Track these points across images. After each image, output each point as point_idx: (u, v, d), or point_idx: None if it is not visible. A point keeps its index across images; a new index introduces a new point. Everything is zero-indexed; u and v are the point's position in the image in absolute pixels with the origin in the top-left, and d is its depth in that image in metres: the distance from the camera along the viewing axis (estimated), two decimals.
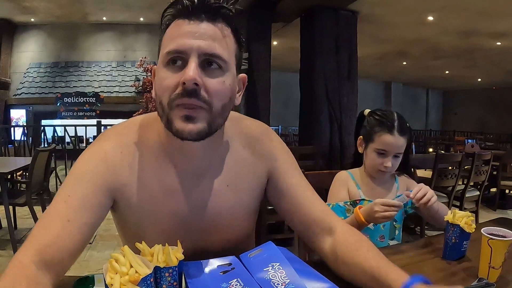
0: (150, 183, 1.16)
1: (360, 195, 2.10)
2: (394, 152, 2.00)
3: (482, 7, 7.77)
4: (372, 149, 2.04)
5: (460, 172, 4.94)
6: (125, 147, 1.16)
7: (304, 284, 0.96)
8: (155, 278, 0.87)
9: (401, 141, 1.98)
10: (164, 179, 1.17)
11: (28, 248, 0.95)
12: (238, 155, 1.28)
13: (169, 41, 1.04)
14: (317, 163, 5.52)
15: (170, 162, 1.18)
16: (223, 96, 1.07)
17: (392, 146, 1.98)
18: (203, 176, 1.21)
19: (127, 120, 1.29)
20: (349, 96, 7.22)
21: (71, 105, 13.06)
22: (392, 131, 1.97)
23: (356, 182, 2.14)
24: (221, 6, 1.06)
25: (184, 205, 1.19)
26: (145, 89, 12.71)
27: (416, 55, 13.40)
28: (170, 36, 1.05)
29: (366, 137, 2.09)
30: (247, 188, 1.29)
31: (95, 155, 1.13)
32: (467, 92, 23.63)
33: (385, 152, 2.00)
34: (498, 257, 1.24)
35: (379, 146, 2.00)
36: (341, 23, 7.20)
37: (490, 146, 10.18)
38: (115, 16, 14.27)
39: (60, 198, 1.04)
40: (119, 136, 1.18)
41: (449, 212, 1.48)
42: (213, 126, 1.08)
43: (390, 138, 1.97)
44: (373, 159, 2.04)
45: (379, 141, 2.00)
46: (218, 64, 1.05)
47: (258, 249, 1.14)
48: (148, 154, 1.17)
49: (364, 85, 14.98)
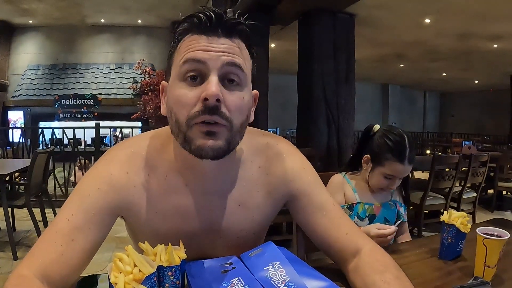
0: (157, 202, 1.15)
1: (356, 198, 2.12)
2: (400, 177, 2.04)
3: (478, 10, 7.80)
4: (381, 172, 2.05)
5: (457, 174, 4.96)
6: (131, 168, 1.14)
7: (303, 283, 0.97)
8: (158, 277, 0.88)
9: (408, 170, 2.03)
10: (173, 198, 1.16)
11: (31, 263, 0.95)
12: (252, 175, 1.24)
13: (186, 54, 1.01)
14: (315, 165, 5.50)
15: (180, 181, 1.16)
16: (242, 112, 1.05)
17: (401, 174, 2.02)
18: (213, 194, 1.19)
19: (137, 136, 1.27)
20: (347, 99, 7.24)
21: (69, 107, 13.06)
22: (403, 161, 1.98)
23: (352, 187, 2.16)
24: (238, 22, 1.04)
25: (193, 224, 1.18)
26: (143, 91, 12.72)
27: (414, 57, 13.42)
28: (186, 49, 1.01)
29: (375, 158, 2.08)
30: (259, 207, 1.25)
31: (100, 176, 1.11)
32: (464, 94, 23.65)
33: (393, 178, 2.02)
34: (493, 256, 1.26)
35: (388, 172, 2.02)
36: (338, 26, 7.21)
37: (487, 148, 10.20)
38: (113, 19, 14.26)
39: (63, 216, 1.04)
40: (125, 155, 1.16)
41: (445, 213, 1.51)
42: (232, 144, 1.06)
43: (401, 168, 1.99)
44: (379, 181, 2.06)
45: (389, 168, 2.01)
46: (238, 80, 1.03)
47: (258, 249, 1.15)
48: (156, 173, 1.15)
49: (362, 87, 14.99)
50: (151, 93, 12.02)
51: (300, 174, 1.29)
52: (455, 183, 5.06)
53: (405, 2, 7.67)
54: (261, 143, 1.28)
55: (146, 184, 1.14)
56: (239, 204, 1.22)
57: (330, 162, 6.99)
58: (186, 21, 1.04)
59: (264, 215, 1.28)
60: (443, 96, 25.68)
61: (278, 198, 1.28)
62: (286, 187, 1.27)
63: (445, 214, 1.50)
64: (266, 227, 1.35)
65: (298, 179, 1.27)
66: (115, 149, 1.20)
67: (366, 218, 2.08)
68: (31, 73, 14.77)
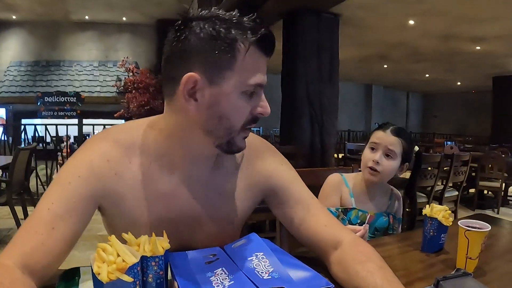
0: (139, 190, 1.15)
1: (352, 203, 2.12)
2: (384, 146, 2.01)
3: (462, 12, 7.89)
4: (367, 146, 2.09)
5: (439, 173, 5.02)
6: (112, 156, 1.13)
7: (287, 273, 0.99)
8: (142, 268, 0.88)
9: (392, 139, 2.01)
10: (156, 185, 1.17)
11: (12, 253, 0.95)
12: (234, 166, 1.30)
13: (255, 73, 1.08)
14: (297, 164, 5.55)
15: (165, 169, 1.18)
16: None
17: (383, 140, 2.01)
18: (197, 182, 1.22)
19: (119, 124, 1.28)
20: (331, 98, 7.27)
21: (52, 105, 12.89)
22: (385, 129, 2.03)
23: (350, 190, 2.15)
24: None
25: (175, 211, 1.20)
26: (126, 89, 12.64)
27: (397, 58, 13.51)
28: (254, 68, 1.08)
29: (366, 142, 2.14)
30: (239, 198, 1.30)
31: (81, 164, 1.10)
32: (446, 95, 23.88)
33: (375, 146, 2.03)
34: (475, 248, 1.29)
35: (371, 141, 2.06)
36: (323, 25, 7.23)
37: (469, 148, 10.28)
38: (97, 15, 14.19)
39: (44, 205, 1.03)
40: (107, 143, 1.15)
41: (427, 206, 1.53)
42: None
43: (382, 133, 2.02)
44: (365, 155, 2.08)
45: (372, 137, 2.06)
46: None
47: (242, 240, 1.16)
48: (139, 161, 1.16)
49: (346, 87, 15.06)
50: (134, 91, 11.96)
51: (279, 170, 1.35)
52: (437, 182, 5.12)
53: (390, 3, 7.72)
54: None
55: (128, 171, 1.15)
56: (220, 193, 1.26)
57: (313, 160, 7.02)
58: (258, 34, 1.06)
59: (243, 207, 1.32)
60: (426, 97, 25.90)
61: (257, 192, 1.33)
62: (265, 182, 1.32)
63: (427, 207, 1.53)
64: (244, 218, 1.38)
65: (277, 174, 1.34)
66: (95, 137, 1.20)
67: (356, 224, 2.09)
68: (14, 69, 14.65)
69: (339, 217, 2.05)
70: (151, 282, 0.91)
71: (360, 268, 1.07)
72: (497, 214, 6.75)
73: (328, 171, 2.34)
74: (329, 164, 7.20)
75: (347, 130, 18.15)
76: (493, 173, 7.00)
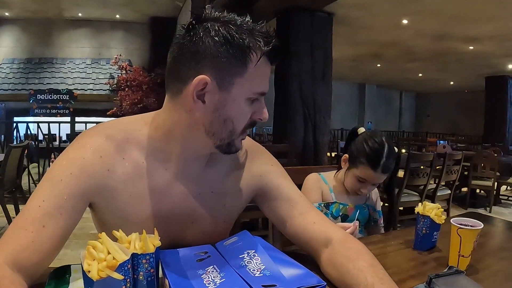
0: (132, 186, 1.15)
1: (332, 198, 2.14)
2: (373, 183, 2.05)
3: (455, 12, 7.91)
4: (354, 173, 2.05)
5: (431, 172, 5.04)
6: (105, 151, 1.12)
7: (279, 270, 0.99)
8: (133, 265, 0.87)
9: (382, 178, 2.03)
10: (149, 181, 1.17)
11: (1, 250, 0.94)
12: (227, 167, 1.31)
13: (262, 83, 1.12)
14: (290, 162, 5.55)
15: (158, 166, 1.18)
16: None
17: (373, 180, 2.02)
18: (189, 179, 1.22)
19: (112, 120, 1.27)
20: (324, 97, 7.29)
21: (44, 102, 12.86)
22: (376, 169, 1.98)
23: (329, 186, 2.18)
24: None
25: (167, 208, 1.20)
26: (119, 87, 12.62)
27: (391, 57, 13.53)
28: (262, 78, 1.12)
29: (351, 160, 2.09)
30: (231, 196, 1.31)
31: (73, 161, 1.09)
32: (439, 95, 23.95)
33: (364, 181, 2.04)
34: (467, 246, 1.29)
35: (360, 175, 2.02)
36: (316, 24, 7.25)
37: (462, 147, 10.36)
38: (91, 13, 14.13)
39: (34, 202, 1.02)
40: (99, 139, 1.14)
41: (420, 204, 1.54)
42: None
43: (373, 174, 1.99)
44: (352, 183, 2.08)
45: (362, 172, 2.01)
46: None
47: (233, 238, 1.17)
48: (132, 157, 1.16)
49: (339, 86, 15.10)
50: (127, 89, 11.93)
51: (269, 169, 1.37)
52: (430, 180, 5.14)
53: (384, 3, 7.73)
54: None
55: (121, 167, 1.14)
56: (212, 191, 1.26)
57: (306, 159, 7.03)
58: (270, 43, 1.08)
59: (235, 205, 1.34)
60: (419, 96, 25.98)
61: (248, 191, 1.34)
62: (256, 182, 1.34)
63: (419, 205, 1.53)
64: (236, 217, 1.39)
65: (267, 174, 1.35)
66: (88, 133, 1.19)
67: (339, 217, 2.11)
68: (6, 67, 14.56)
69: (322, 211, 2.05)
70: (142, 280, 0.90)
71: (351, 266, 1.07)
72: (489, 212, 6.80)
73: (321, 169, 2.35)
74: (322, 163, 7.22)
75: (340, 129, 18.22)
76: (486, 172, 7.05)
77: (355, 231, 1.63)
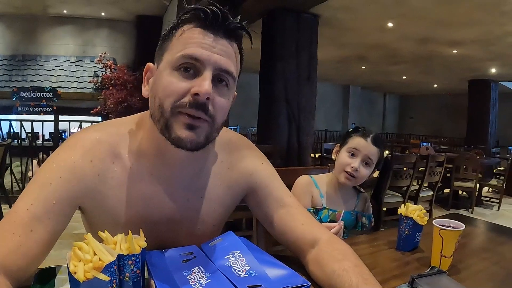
0: (122, 191, 1.14)
1: (322, 203, 2.15)
2: (364, 155, 2.07)
3: (440, 16, 7.97)
4: (345, 150, 2.11)
5: (414, 173, 5.09)
6: (96, 155, 1.12)
7: (264, 271, 1.00)
8: (119, 266, 0.88)
9: (372, 148, 2.07)
10: (138, 187, 1.16)
11: None
12: (216, 168, 1.29)
13: (185, 46, 1.04)
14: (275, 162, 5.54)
15: (146, 170, 1.17)
16: (225, 113, 1.11)
17: (363, 148, 2.06)
18: (178, 185, 1.21)
19: (102, 122, 1.26)
20: (308, 98, 7.30)
21: (27, 100, 12.70)
22: (366, 137, 2.07)
23: (320, 191, 2.19)
24: (240, 27, 1.09)
25: (156, 213, 1.19)
26: (103, 85, 12.51)
27: (375, 60, 13.59)
28: (186, 41, 1.04)
29: (342, 142, 2.17)
30: (220, 200, 1.30)
31: (63, 164, 1.08)
32: (423, 97, 24.15)
33: (355, 152, 2.07)
34: (449, 247, 1.32)
35: (351, 146, 2.08)
36: (302, 25, 7.26)
37: (444, 149, 10.44)
38: (76, 10, 13.98)
39: (23, 205, 1.01)
40: (90, 142, 1.13)
41: (403, 206, 1.56)
42: (209, 139, 1.11)
43: (363, 141, 2.07)
44: (343, 158, 2.11)
45: (352, 142, 2.09)
46: (227, 82, 1.08)
47: (218, 238, 1.17)
48: (122, 161, 1.15)
49: (323, 87, 15.16)
50: (112, 88, 11.84)
51: (259, 168, 1.36)
52: (413, 182, 5.19)
53: (369, 6, 7.76)
54: (224, 139, 1.32)
55: (111, 172, 1.13)
56: (201, 196, 1.26)
57: (290, 159, 7.05)
58: (192, 11, 1.05)
59: (225, 208, 1.33)
60: (403, 99, 26.15)
61: (238, 191, 1.34)
62: (245, 181, 1.33)
63: (402, 207, 1.56)
64: (225, 219, 1.38)
65: (257, 173, 1.35)
66: (79, 135, 1.17)
67: (327, 222, 2.12)
68: None
69: None
70: (128, 281, 0.90)
71: (337, 266, 1.09)
72: (471, 214, 6.90)
73: (305, 170, 2.36)
74: (306, 164, 7.23)
75: (324, 130, 18.27)
76: (468, 174, 7.15)
77: (340, 230, 1.65)
